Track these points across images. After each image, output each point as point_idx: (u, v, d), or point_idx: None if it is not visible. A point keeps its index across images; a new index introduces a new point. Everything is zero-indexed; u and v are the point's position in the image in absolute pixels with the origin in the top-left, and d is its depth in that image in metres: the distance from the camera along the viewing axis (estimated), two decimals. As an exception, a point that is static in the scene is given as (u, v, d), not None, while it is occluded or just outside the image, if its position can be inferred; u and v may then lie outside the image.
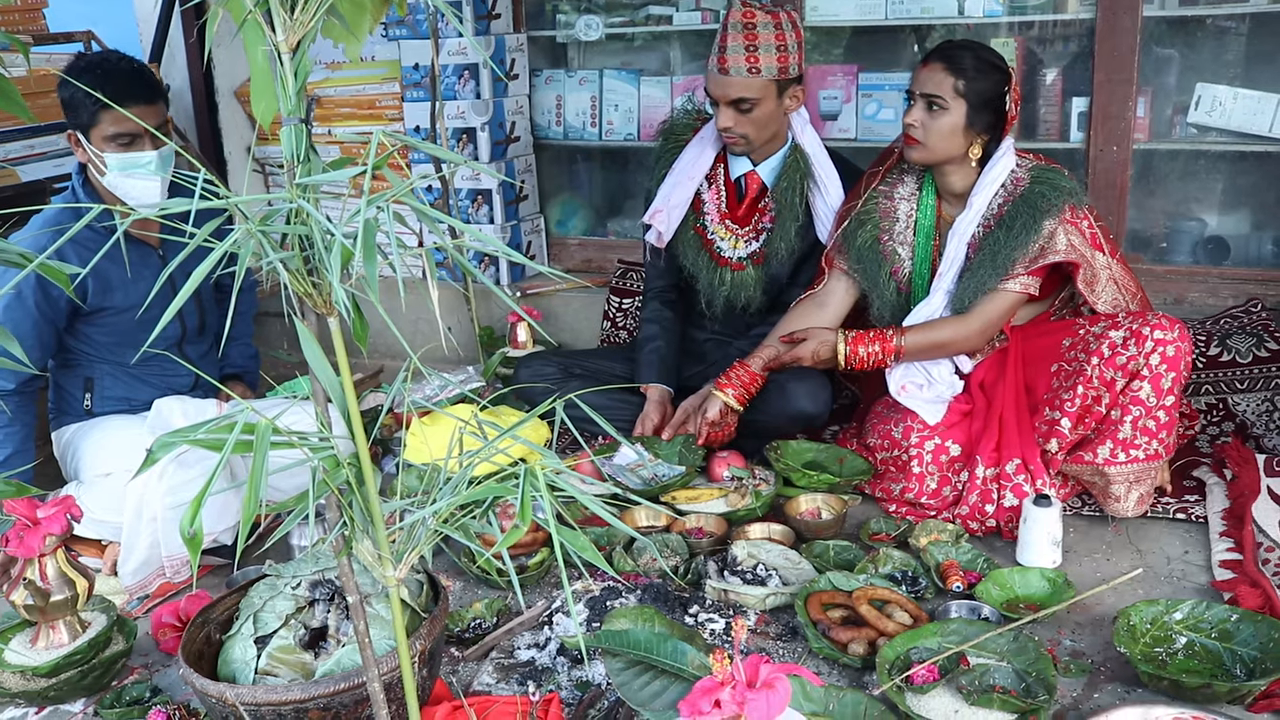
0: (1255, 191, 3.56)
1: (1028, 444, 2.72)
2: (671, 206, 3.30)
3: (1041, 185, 2.76)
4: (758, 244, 3.26)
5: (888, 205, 2.98)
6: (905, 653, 2.12)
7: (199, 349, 3.02)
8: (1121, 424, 2.62)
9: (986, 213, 2.82)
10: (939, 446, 2.78)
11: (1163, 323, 2.58)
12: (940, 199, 2.94)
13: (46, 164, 4.00)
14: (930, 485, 2.77)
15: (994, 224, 2.79)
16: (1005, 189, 2.81)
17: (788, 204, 3.17)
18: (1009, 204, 2.78)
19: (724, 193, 3.31)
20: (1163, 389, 2.58)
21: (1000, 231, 2.76)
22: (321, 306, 1.29)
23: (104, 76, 2.65)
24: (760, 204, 3.25)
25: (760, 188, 3.25)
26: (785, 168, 3.19)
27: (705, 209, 3.32)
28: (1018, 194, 2.78)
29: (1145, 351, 2.57)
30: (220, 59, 4.36)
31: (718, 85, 3.03)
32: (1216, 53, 3.48)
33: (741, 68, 2.99)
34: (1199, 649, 2.13)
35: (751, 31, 2.98)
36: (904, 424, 2.80)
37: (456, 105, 4.04)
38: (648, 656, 1.78)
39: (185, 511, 1.23)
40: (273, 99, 1.26)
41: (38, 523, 2.18)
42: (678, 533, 2.72)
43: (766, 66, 3.00)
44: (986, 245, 2.78)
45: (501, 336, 4.10)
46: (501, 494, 1.31)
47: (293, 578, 1.95)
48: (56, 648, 2.22)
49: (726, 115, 3.06)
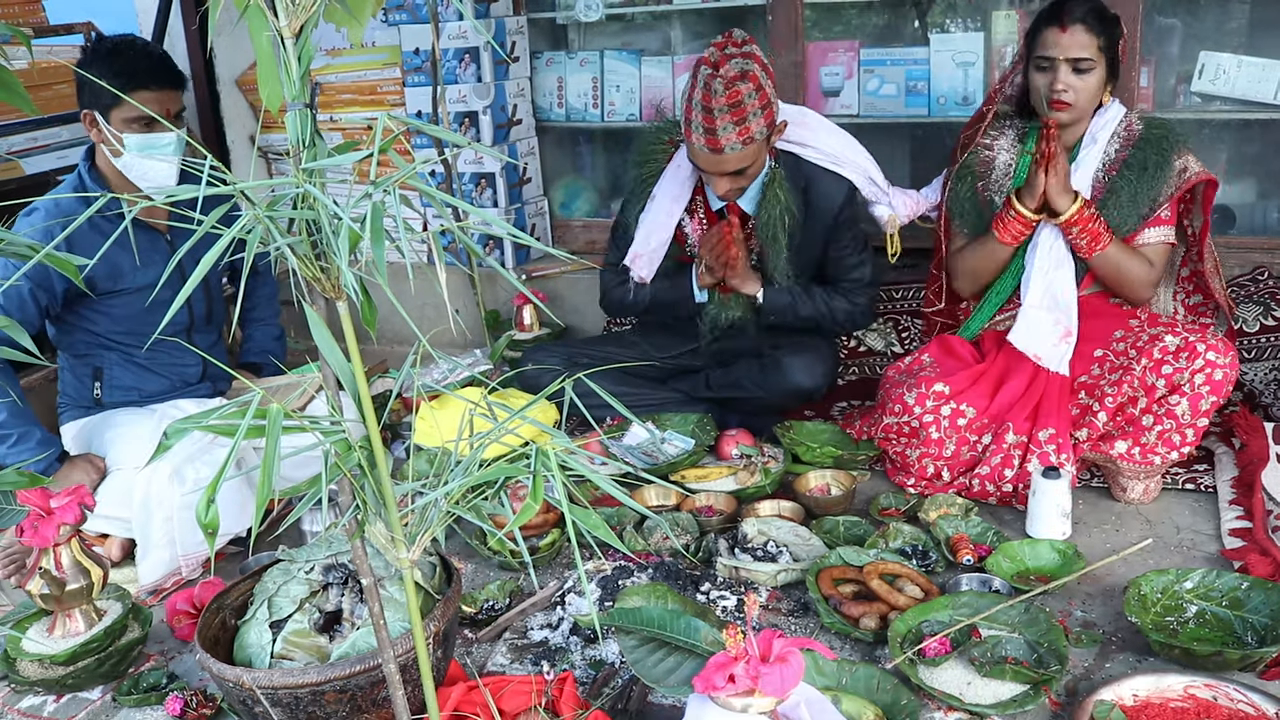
0: (1260, 160, 3.54)
1: (1064, 416, 2.72)
2: (652, 250, 3.18)
3: (1158, 130, 2.83)
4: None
5: (988, 155, 2.99)
6: (917, 626, 2.13)
7: (208, 338, 3.03)
8: (1149, 430, 2.62)
9: (1104, 158, 2.84)
10: (955, 411, 2.76)
11: (1217, 344, 2.57)
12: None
13: (50, 156, 3.99)
14: (949, 449, 2.76)
15: (1120, 167, 2.82)
16: (1119, 136, 2.85)
17: (771, 235, 3.04)
18: (1131, 148, 2.82)
19: (706, 222, 3.19)
20: (1199, 409, 2.57)
21: (1131, 174, 2.80)
22: (330, 291, 1.30)
23: (133, 58, 2.70)
24: (745, 230, 3.12)
25: (741, 214, 3.12)
26: (765, 197, 3.04)
27: (689, 239, 3.21)
28: (1135, 136, 2.83)
29: (1193, 368, 2.55)
30: (221, 47, 4.35)
31: (712, 164, 2.89)
32: (1219, 21, 3.46)
33: (735, 144, 2.84)
34: (1210, 617, 2.13)
35: (739, 109, 2.81)
36: (918, 390, 2.78)
37: (458, 89, 4.03)
38: (661, 633, 1.79)
39: (200, 499, 1.24)
40: (278, 84, 1.26)
41: (51, 513, 2.19)
42: (688, 511, 2.73)
43: (758, 130, 2.86)
44: (1120, 188, 2.81)
45: (507, 320, 4.11)
46: (513, 474, 1.31)
47: (306, 562, 1.96)
48: (73, 636, 2.24)
49: (723, 184, 2.94)
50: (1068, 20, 2.74)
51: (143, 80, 2.67)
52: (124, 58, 2.69)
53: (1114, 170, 2.83)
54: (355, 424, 1.34)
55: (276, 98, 1.27)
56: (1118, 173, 2.82)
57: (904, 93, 3.76)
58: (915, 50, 3.73)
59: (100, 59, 2.69)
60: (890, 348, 3.56)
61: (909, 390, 2.80)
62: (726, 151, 2.84)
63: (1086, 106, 2.81)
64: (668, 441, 3.06)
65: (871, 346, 3.59)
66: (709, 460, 3.04)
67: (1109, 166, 2.84)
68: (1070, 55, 2.74)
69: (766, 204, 3.04)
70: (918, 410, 2.76)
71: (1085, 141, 2.87)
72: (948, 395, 2.77)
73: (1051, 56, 2.76)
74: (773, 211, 3.03)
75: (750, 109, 2.82)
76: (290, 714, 1.75)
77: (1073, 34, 2.73)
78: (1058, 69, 2.75)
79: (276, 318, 3.35)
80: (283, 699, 1.73)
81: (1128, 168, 2.81)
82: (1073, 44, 2.74)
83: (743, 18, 3.94)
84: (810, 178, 3.08)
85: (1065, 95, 2.76)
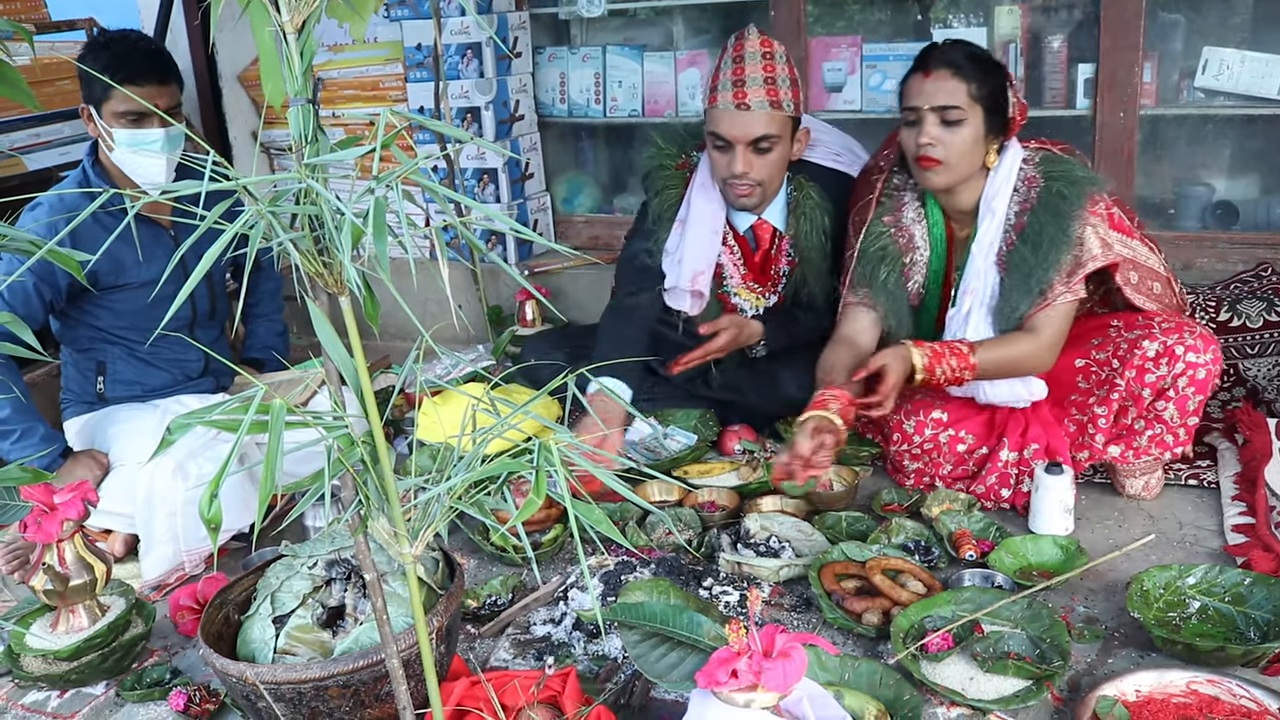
0: (1264, 155, 3.54)
1: (1055, 431, 2.68)
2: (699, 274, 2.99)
3: (1056, 182, 2.53)
4: (776, 295, 3.10)
5: (902, 237, 2.73)
6: (919, 621, 2.13)
7: (210, 334, 3.03)
8: (1141, 435, 2.61)
9: (1005, 225, 2.59)
10: (953, 438, 2.73)
11: (1197, 343, 2.48)
12: (947, 216, 2.71)
13: (52, 152, 4.00)
14: (945, 469, 2.76)
15: (1016, 238, 2.56)
16: (1019, 192, 2.58)
17: (814, 243, 2.94)
18: (1028, 212, 2.55)
19: (738, 251, 3.06)
20: (1187, 410, 2.55)
21: (1026, 249, 2.54)
22: (333, 286, 1.30)
23: (122, 54, 2.70)
24: (772, 250, 3.04)
25: (773, 234, 3.02)
26: (794, 204, 2.94)
27: (726, 273, 3.08)
28: (1034, 198, 2.55)
29: (1175, 373, 2.49)
30: (223, 43, 4.35)
31: (735, 123, 2.73)
32: (1223, 16, 3.46)
33: (764, 101, 2.72)
34: (1212, 613, 2.13)
35: (770, 61, 2.73)
36: (915, 418, 2.75)
37: (460, 85, 4.03)
38: (664, 628, 1.79)
39: (203, 494, 1.24)
40: (281, 80, 1.26)
41: (55, 508, 2.19)
42: (690, 506, 2.73)
43: (785, 101, 2.75)
44: (1015, 266, 2.56)
45: (510, 315, 4.11)
46: (516, 469, 1.31)
47: (309, 557, 1.96)
48: (77, 631, 2.24)
49: (742, 159, 2.77)
50: (932, 65, 2.49)
51: (130, 75, 2.66)
52: (113, 52, 2.69)
53: (1011, 242, 2.58)
54: (358, 419, 1.34)
55: (279, 93, 1.27)
56: (1015, 244, 2.57)
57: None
58: (918, 46, 3.68)
59: (94, 53, 2.71)
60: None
61: (907, 418, 2.76)
62: (754, 108, 2.71)
63: (958, 165, 2.52)
64: (670, 437, 3.07)
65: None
66: (712, 456, 3.05)
67: (1008, 236, 2.59)
68: (935, 103, 2.47)
69: (802, 214, 2.95)
70: (917, 440, 2.75)
71: (981, 213, 2.61)
72: (945, 422, 2.74)
73: (916, 106, 2.50)
74: (810, 224, 2.94)
75: (780, 72, 2.74)
76: (293, 709, 1.75)
77: (936, 80, 2.47)
78: (923, 120, 2.49)
79: (279, 313, 3.35)
80: (286, 694, 1.73)
81: (1023, 240, 2.55)
82: (937, 91, 2.47)
83: (745, 14, 3.94)
84: (826, 184, 2.98)
85: (933, 150, 2.49)
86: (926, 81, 2.49)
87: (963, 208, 2.65)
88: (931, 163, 2.51)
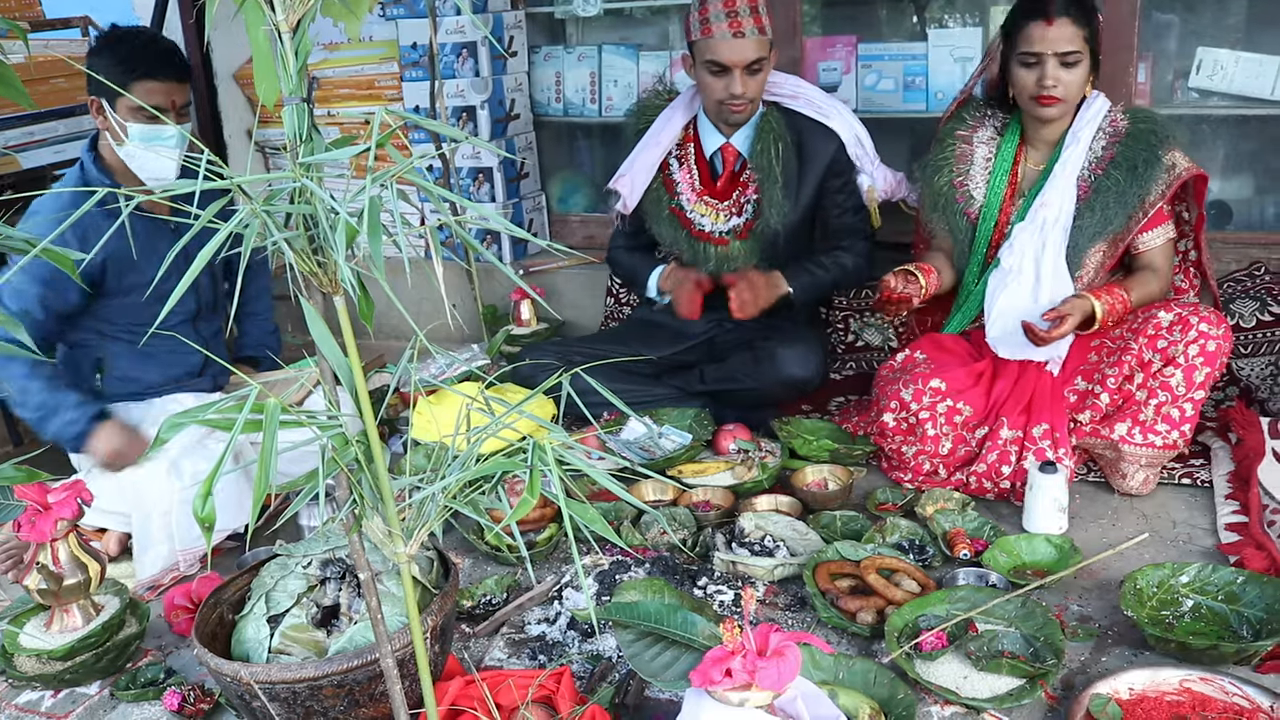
0: (1258, 155, 3.55)
1: (1058, 410, 2.72)
2: (635, 171, 3.32)
3: (1144, 124, 2.79)
4: (741, 218, 3.26)
5: (965, 150, 2.97)
6: (914, 620, 2.13)
7: (212, 326, 3.04)
8: (1146, 405, 2.63)
9: (1090, 156, 2.81)
10: (951, 409, 2.76)
11: (1210, 316, 2.61)
12: (1023, 144, 2.93)
13: (47, 151, 3.99)
14: (945, 446, 2.77)
15: (1106, 166, 2.79)
16: (1104, 132, 2.82)
17: (768, 170, 3.17)
18: (1117, 144, 2.79)
19: (696, 170, 3.31)
20: (1194, 381, 2.59)
21: (1119, 172, 2.76)
22: (327, 285, 1.30)
23: (141, 48, 2.71)
24: (742, 176, 3.25)
25: (737, 159, 3.25)
26: (759, 133, 3.19)
27: (679, 188, 3.32)
28: (1121, 133, 2.80)
29: (1186, 340, 2.58)
30: (219, 42, 4.34)
31: (734, 50, 3.01)
32: (1217, 16, 3.46)
33: (754, 28, 3.00)
34: (1206, 611, 2.14)
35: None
36: (914, 386, 2.78)
37: (455, 84, 4.03)
38: (658, 628, 1.79)
39: (197, 494, 1.24)
40: (275, 79, 1.26)
41: (49, 507, 2.19)
42: (685, 506, 2.73)
43: (767, 26, 3.04)
44: (1108, 188, 2.77)
45: (505, 315, 4.11)
46: (510, 469, 1.31)
47: (304, 557, 1.96)
48: (71, 631, 2.24)
49: (740, 81, 3.05)
50: (1053, 12, 2.69)
51: (149, 69, 2.68)
52: (131, 46, 2.71)
53: (1100, 170, 2.80)
54: (352, 419, 1.34)
55: (273, 92, 1.27)
56: (1104, 172, 2.79)
57: (902, 88, 3.76)
58: (913, 45, 3.73)
59: (109, 47, 2.71)
60: (888, 343, 3.56)
61: (905, 386, 2.80)
62: (748, 35, 3.00)
63: (1074, 100, 2.79)
64: (665, 436, 3.07)
65: (869, 342, 3.59)
66: (706, 455, 3.05)
67: (1095, 165, 2.82)
68: (1058, 49, 2.70)
69: (761, 141, 3.18)
70: (914, 406, 2.76)
71: (1068, 139, 2.84)
72: (944, 392, 2.77)
73: (1038, 52, 2.72)
74: (768, 147, 3.17)
75: (761, 1, 3.04)
76: (288, 709, 1.75)
77: (1059, 27, 2.69)
78: (1045, 64, 2.72)
79: (270, 312, 3.35)
80: (280, 694, 1.73)
81: (1115, 166, 2.78)
82: (1060, 37, 2.69)
83: (740, 12, 3.93)
84: (802, 129, 3.23)
85: (1055, 90, 2.73)
86: (1049, 29, 2.69)
87: (1051, 138, 2.87)
88: (1053, 100, 2.74)
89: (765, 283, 3.12)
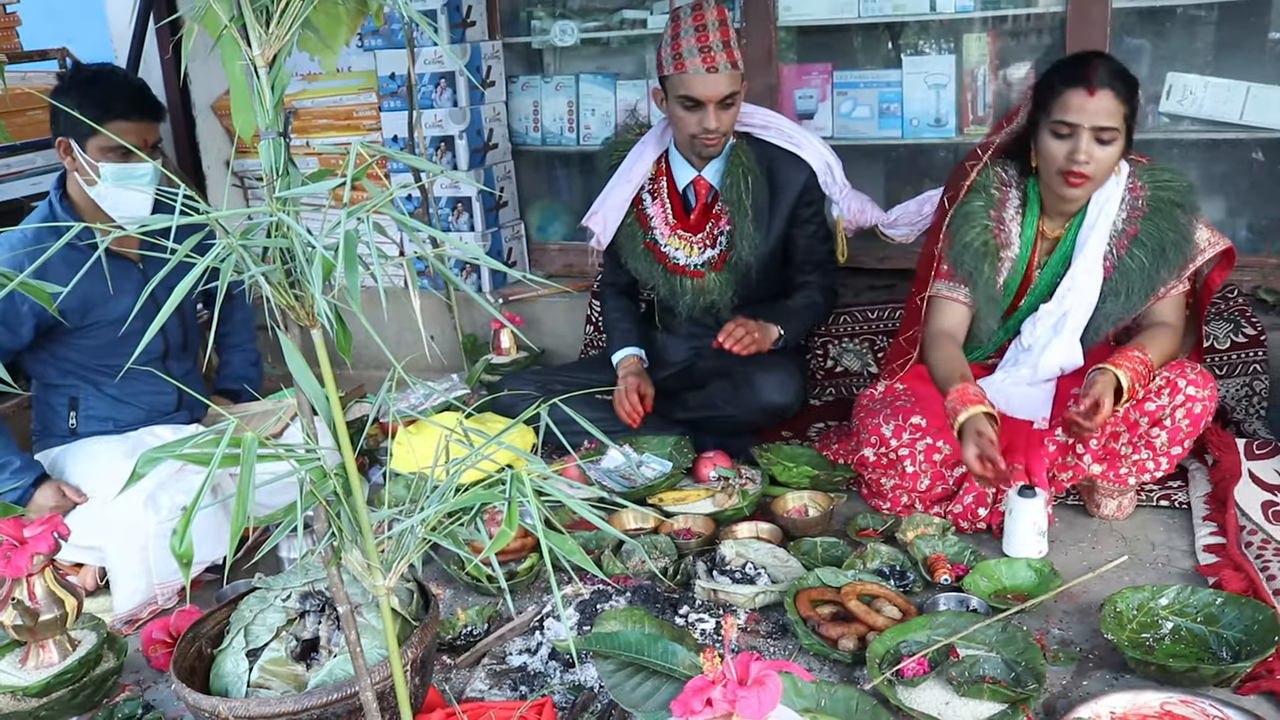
0: (1228, 178, 3.59)
1: (1035, 456, 2.68)
2: (608, 209, 3.33)
3: (1165, 191, 2.63)
4: (715, 249, 3.26)
5: (1002, 232, 2.74)
6: (895, 647, 2.13)
7: (183, 366, 3.01)
8: (1127, 459, 2.64)
9: (1112, 230, 2.66)
10: (930, 447, 2.75)
11: (1197, 378, 2.55)
12: (1043, 215, 2.75)
13: (23, 183, 3.98)
14: (923, 483, 2.77)
15: (1129, 244, 2.64)
16: (1125, 201, 2.66)
17: (737, 202, 3.17)
18: (1139, 219, 2.64)
19: (669, 204, 3.31)
20: (1177, 439, 2.58)
21: (1142, 253, 2.62)
22: (304, 319, 1.30)
23: (112, 88, 2.71)
24: (715, 209, 3.25)
25: (710, 191, 3.25)
26: (730, 166, 3.19)
27: (653, 223, 3.33)
28: (1144, 206, 2.64)
29: (1174, 404, 2.55)
30: (197, 73, 4.35)
31: (708, 85, 3.01)
32: (1186, 42, 3.51)
33: (727, 63, 3.00)
34: (1185, 633, 2.15)
35: (725, 27, 3.01)
36: (894, 423, 2.77)
37: (434, 114, 4.04)
38: (639, 658, 1.79)
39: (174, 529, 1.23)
40: (251, 113, 1.26)
41: (24, 542, 2.17)
42: (666, 534, 2.73)
43: (739, 60, 3.05)
44: (1132, 269, 2.63)
45: (485, 343, 4.11)
46: (489, 500, 1.31)
47: (283, 590, 1.95)
48: (47, 667, 2.21)
49: (713, 116, 3.05)
50: (1096, 83, 2.48)
51: (121, 110, 2.67)
52: (103, 87, 2.70)
53: (1123, 248, 2.65)
54: (331, 451, 1.34)
55: (250, 126, 1.28)
56: (1128, 251, 2.64)
57: (877, 115, 3.79)
58: (888, 73, 3.77)
59: (78, 87, 2.69)
60: (866, 368, 3.57)
61: (886, 422, 2.78)
62: (721, 70, 3.00)
63: (1102, 179, 2.60)
64: (645, 464, 3.07)
65: (848, 367, 3.61)
66: (687, 483, 3.05)
67: (1117, 241, 2.66)
68: (1097, 123, 2.49)
69: (731, 175, 3.19)
70: (894, 444, 2.76)
71: (1090, 216, 2.67)
72: (924, 429, 2.76)
73: (1074, 123, 2.51)
74: (738, 178, 3.18)
75: (732, 35, 3.05)
76: (267, 743, 1.74)
77: (1100, 99, 2.48)
78: (1079, 137, 2.51)
79: (253, 342, 3.34)
80: (259, 728, 1.72)
81: (1139, 246, 2.63)
82: (1100, 110, 2.48)
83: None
84: (773, 159, 3.23)
85: (1087, 167, 2.52)
86: (1090, 100, 2.49)
87: (1071, 210, 2.71)
88: (1082, 179, 2.55)
89: (759, 327, 3.10)
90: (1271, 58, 3.40)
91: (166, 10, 4.18)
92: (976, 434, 2.44)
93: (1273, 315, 3.27)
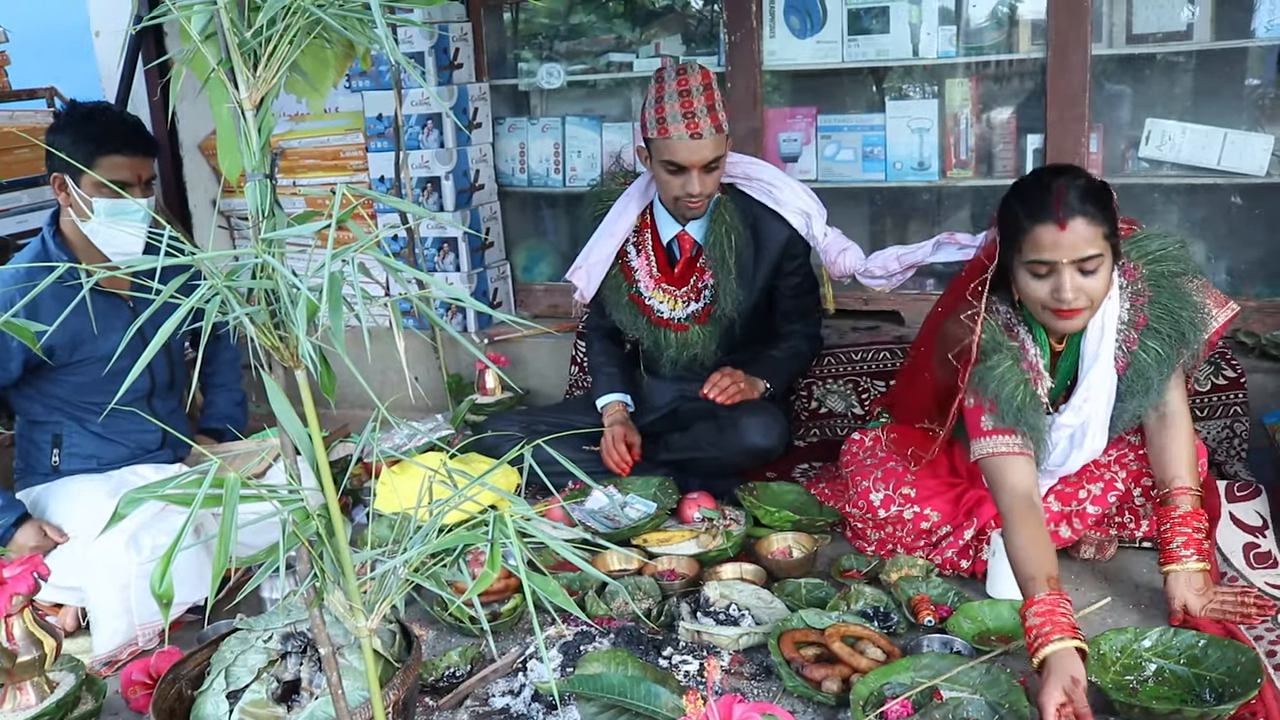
0: (1207, 223, 3.63)
1: None
2: (592, 264, 3.33)
3: (1161, 263, 2.43)
4: (699, 303, 3.26)
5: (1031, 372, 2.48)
6: (879, 689, 2.13)
7: (169, 405, 3.01)
8: (1113, 520, 2.67)
9: (1118, 334, 2.45)
10: (918, 515, 2.73)
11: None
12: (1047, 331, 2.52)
13: (10, 221, 3.98)
14: (906, 541, 2.76)
15: (1140, 336, 2.43)
16: (1125, 290, 2.45)
17: (722, 260, 3.16)
18: (1144, 305, 2.43)
19: (653, 258, 3.31)
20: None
21: (1156, 344, 2.41)
22: (288, 360, 1.30)
23: (107, 124, 2.73)
24: (699, 262, 3.25)
25: (694, 246, 3.25)
26: (713, 222, 3.17)
27: (637, 276, 3.33)
28: (1145, 289, 2.43)
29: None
30: (184, 114, 4.36)
31: (691, 152, 2.98)
32: (1164, 88, 3.56)
33: (711, 129, 2.97)
34: (1169, 675, 2.15)
35: (710, 91, 2.99)
36: (884, 491, 2.75)
37: (421, 155, 4.07)
38: (622, 700, 1.78)
39: (155, 569, 1.23)
40: (238, 154, 1.27)
41: (3, 582, 2.15)
42: (649, 575, 2.72)
43: (724, 123, 3.03)
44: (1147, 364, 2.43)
45: (470, 383, 4.11)
46: (472, 542, 1.32)
47: (264, 631, 1.94)
48: (24, 709, 2.19)
49: (697, 181, 3.03)
50: (1064, 215, 2.23)
51: (115, 145, 2.69)
52: (98, 123, 2.72)
53: (1134, 341, 2.45)
54: (314, 492, 1.34)
55: (236, 168, 1.29)
56: (1140, 344, 2.44)
57: (861, 158, 3.83)
58: (872, 117, 3.81)
59: (74, 123, 2.72)
60: (851, 409, 3.58)
61: (875, 487, 2.77)
62: (705, 136, 2.98)
63: (1098, 305, 2.36)
64: (629, 505, 3.07)
65: (832, 408, 3.62)
66: (671, 524, 3.04)
67: (1126, 336, 2.46)
68: (1076, 256, 2.24)
69: (714, 231, 3.18)
70: (883, 514, 2.75)
71: (1090, 334, 2.45)
72: (913, 499, 2.74)
73: (1051, 260, 2.26)
74: (720, 235, 3.16)
75: (717, 99, 3.02)
76: (246, 787, 1.73)
77: (1074, 230, 2.23)
78: (1061, 274, 2.26)
79: (239, 382, 3.34)
80: (239, 772, 1.70)
81: (1150, 336, 2.43)
82: (1076, 242, 2.23)
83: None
84: (757, 214, 3.22)
85: (1077, 302, 2.28)
86: (1062, 234, 2.23)
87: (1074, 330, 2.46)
88: (1075, 313, 2.31)
89: (745, 378, 3.14)
90: (1248, 104, 3.46)
91: (155, 52, 4.21)
92: (1070, 679, 2.00)
93: (1252, 358, 3.30)
